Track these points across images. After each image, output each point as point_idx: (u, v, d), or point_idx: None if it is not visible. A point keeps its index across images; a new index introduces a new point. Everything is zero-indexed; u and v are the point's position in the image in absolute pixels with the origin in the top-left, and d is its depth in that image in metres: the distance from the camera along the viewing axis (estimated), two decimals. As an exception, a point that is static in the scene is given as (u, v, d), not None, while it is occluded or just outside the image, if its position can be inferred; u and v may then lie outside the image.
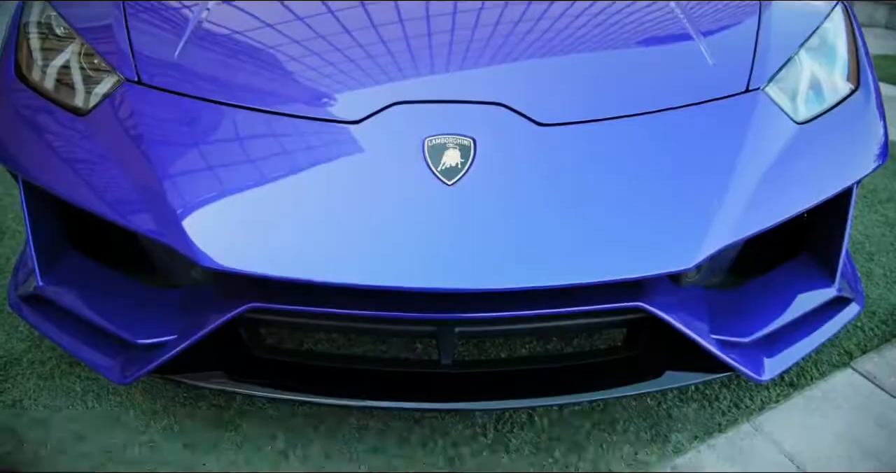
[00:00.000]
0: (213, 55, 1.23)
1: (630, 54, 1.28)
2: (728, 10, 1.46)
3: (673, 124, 1.14)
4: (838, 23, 1.46)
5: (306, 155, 1.08)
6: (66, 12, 1.37)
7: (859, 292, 1.46)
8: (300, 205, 1.04)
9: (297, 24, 1.31)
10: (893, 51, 5.32)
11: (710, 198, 1.07)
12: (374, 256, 0.99)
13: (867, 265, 2.01)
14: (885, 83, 4.29)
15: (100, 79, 1.23)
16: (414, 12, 1.35)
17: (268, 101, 1.13)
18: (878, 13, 6.85)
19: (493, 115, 1.11)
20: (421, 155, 1.06)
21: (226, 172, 1.06)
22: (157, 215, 1.04)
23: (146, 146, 1.09)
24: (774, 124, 1.19)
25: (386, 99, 1.12)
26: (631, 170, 1.08)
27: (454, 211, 1.02)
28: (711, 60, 1.25)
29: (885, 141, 1.36)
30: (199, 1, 1.38)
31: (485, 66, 1.20)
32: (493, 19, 1.32)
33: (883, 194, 2.49)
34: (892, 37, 6.15)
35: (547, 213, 1.03)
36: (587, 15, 1.37)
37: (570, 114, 1.12)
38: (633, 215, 1.04)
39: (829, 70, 1.37)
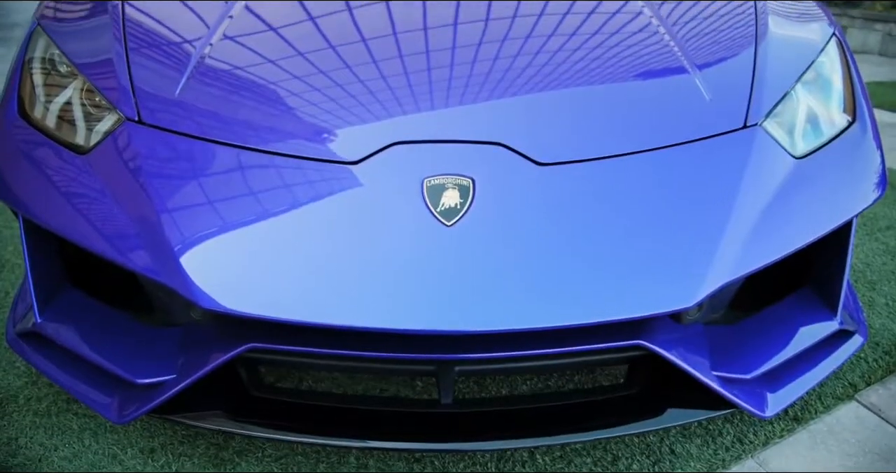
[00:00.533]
0: (214, 93, 1.24)
1: (627, 90, 1.29)
2: (724, 42, 1.47)
3: (672, 162, 1.14)
4: (833, 56, 1.48)
5: (306, 195, 1.08)
6: (68, 48, 1.38)
7: (862, 323, 1.46)
8: (299, 247, 1.03)
9: (299, 60, 1.32)
10: (888, 77, 5.37)
11: (710, 236, 1.07)
12: (374, 298, 0.98)
13: (869, 294, 2.00)
14: (880, 110, 4.32)
15: (101, 117, 1.24)
16: (413, 47, 1.37)
17: (267, 141, 1.14)
18: (871, 40, 6.93)
19: (493, 155, 1.11)
20: (420, 195, 1.06)
21: (225, 213, 1.06)
22: (156, 255, 1.04)
23: (146, 186, 1.09)
24: (773, 160, 1.20)
25: (385, 139, 1.12)
26: (630, 208, 1.08)
27: (453, 252, 1.01)
28: (708, 96, 1.26)
29: (884, 173, 1.37)
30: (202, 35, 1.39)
31: (483, 103, 1.21)
32: (491, 54, 1.33)
33: (883, 222, 2.50)
34: (886, 63, 6.22)
35: (547, 254, 1.03)
36: (585, 48, 1.38)
37: (570, 153, 1.13)
38: (634, 254, 1.04)
39: (826, 104, 1.38)
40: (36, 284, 1.28)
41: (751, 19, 1.54)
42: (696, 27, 1.51)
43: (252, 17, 1.46)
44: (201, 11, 1.50)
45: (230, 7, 1.48)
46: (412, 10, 1.49)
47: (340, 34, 1.39)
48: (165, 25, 1.46)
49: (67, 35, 1.45)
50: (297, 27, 1.44)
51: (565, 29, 1.42)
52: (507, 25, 1.44)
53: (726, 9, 1.61)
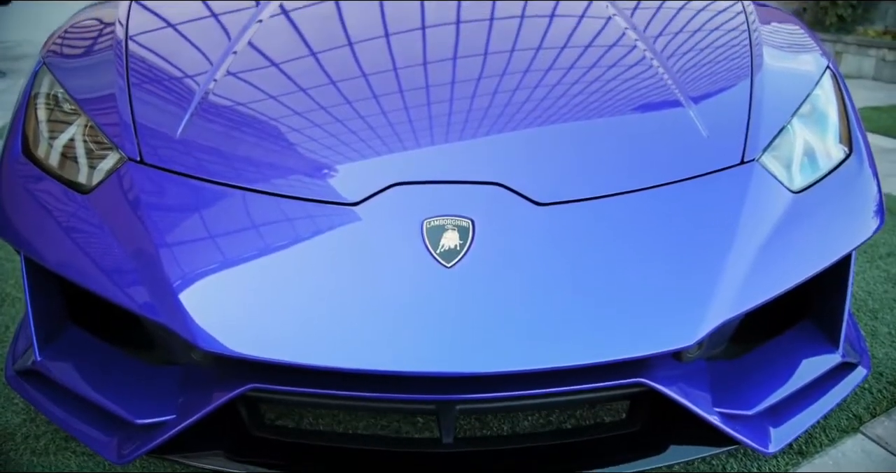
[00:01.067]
0: (216, 131, 1.25)
1: (624, 127, 1.30)
2: (719, 75, 1.49)
3: (670, 199, 1.15)
4: (828, 89, 1.49)
5: (307, 237, 1.09)
6: (72, 86, 1.40)
7: (865, 354, 1.45)
8: (300, 288, 1.04)
9: (300, 98, 1.34)
10: (884, 102, 5.41)
11: (710, 274, 1.07)
12: (375, 341, 0.98)
13: (871, 323, 2.00)
14: (877, 134, 4.35)
15: (103, 156, 1.25)
16: (412, 84, 1.38)
17: (268, 182, 1.15)
18: (865, 65, 7.01)
19: (492, 196, 1.12)
20: (420, 237, 1.07)
21: (226, 254, 1.07)
22: (156, 296, 1.04)
23: (146, 227, 1.10)
24: (770, 195, 1.20)
25: (385, 179, 1.13)
26: (629, 247, 1.09)
27: (453, 294, 1.02)
28: (705, 132, 1.28)
29: (881, 205, 1.38)
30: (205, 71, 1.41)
31: (482, 142, 1.22)
32: (489, 91, 1.35)
33: (883, 249, 2.50)
34: (881, 88, 6.28)
35: (546, 294, 1.03)
36: (581, 84, 1.40)
37: (568, 192, 1.14)
38: (634, 294, 1.04)
39: (822, 137, 1.39)
40: (36, 323, 1.28)
41: (746, 51, 1.56)
42: (692, 60, 1.53)
43: (255, 53, 1.48)
44: (205, 48, 1.52)
45: (234, 43, 1.50)
46: (411, 45, 1.51)
47: (342, 70, 1.41)
48: (169, 62, 1.48)
49: (72, 72, 1.47)
50: (299, 63, 1.46)
51: (561, 64, 1.44)
52: (504, 60, 1.46)
53: (722, 40, 1.63)
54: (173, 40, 1.60)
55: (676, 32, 1.64)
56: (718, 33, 1.68)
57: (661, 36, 1.60)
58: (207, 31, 1.62)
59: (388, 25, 1.61)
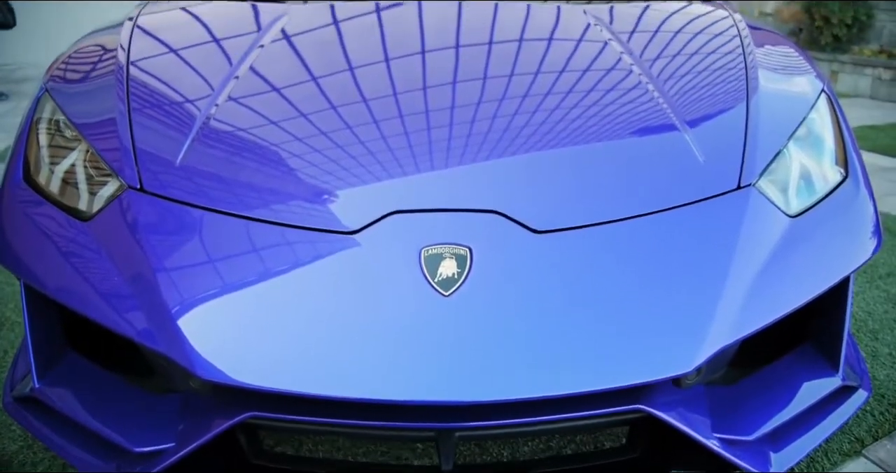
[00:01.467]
0: (216, 159, 1.26)
1: (621, 153, 1.31)
2: (715, 99, 1.50)
3: (667, 226, 1.15)
4: (824, 113, 1.50)
5: (306, 265, 1.09)
6: (74, 113, 1.41)
7: (865, 376, 1.44)
8: (299, 317, 1.04)
9: (300, 126, 1.34)
10: (881, 120, 5.44)
11: (707, 300, 1.07)
12: (374, 370, 0.99)
13: (872, 344, 1.99)
14: (874, 153, 4.37)
15: (104, 183, 1.26)
16: (412, 107, 1.39)
17: (268, 211, 1.15)
18: (861, 84, 7.06)
19: (489, 224, 1.13)
20: (418, 265, 1.07)
21: (225, 282, 1.07)
22: (156, 325, 1.04)
23: (145, 255, 1.11)
24: (767, 220, 1.21)
25: (384, 208, 1.14)
26: (627, 274, 1.09)
27: (451, 323, 1.02)
28: (702, 157, 1.28)
29: (878, 228, 1.38)
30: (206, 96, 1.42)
31: (479, 170, 1.23)
32: (487, 117, 1.35)
33: (882, 269, 2.50)
34: (877, 107, 6.32)
35: (544, 323, 1.03)
36: (578, 108, 1.41)
37: (566, 219, 1.14)
38: (632, 320, 1.04)
39: (818, 160, 1.40)
40: (35, 349, 1.28)
41: (741, 74, 1.58)
42: (688, 84, 1.54)
43: (257, 78, 1.49)
44: (207, 73, 1.53)
45: (236, 68, 1.51)
46: (411, 69, 1.52)
47: (343, 96, 1.42)
48: (170, 86, 1.50)
49: (73, 98, 1.48)
50: (300, 89, 1.46)
51: (557, 90, 1.45)
52: (500, 86, 1.47)
53: (717, 64, 1.65)
54: (175, 65, 1.61)
55: (672, 56, 1.66)
56: (714, 57, 1.69)
57: (657, 60, 1.62)
58: (209, 56, 1.64)
59: (388, 50, 1.63)
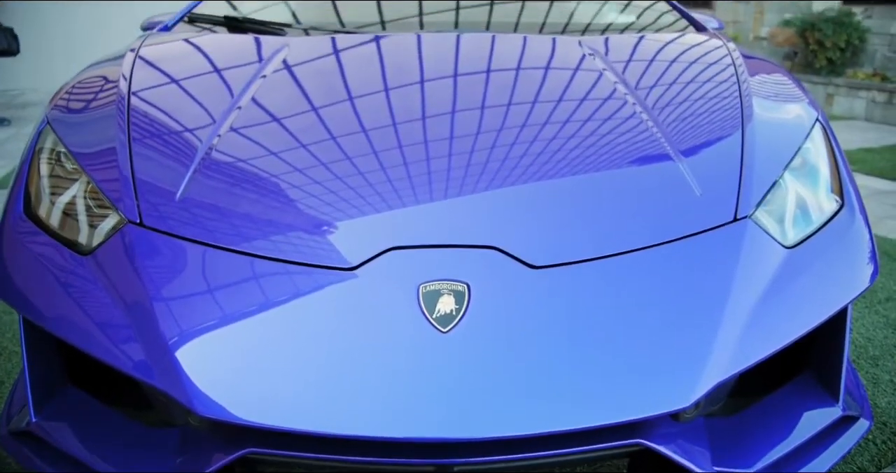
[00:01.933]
0: (217, 193, 1.27)
1: (618, 187, 1.31)
2: (710, 129, 1.51)
3: (664, 260, 1.16)
4: (818, 142, 1.51)
5: (304, 302, 1.09)
6: (74, 143, 1.42)
7: (866, 404, 1.44)
8: (297, 353, 1.04)
9: (301, 159, 1.35)
10: (876, 143, 5.48)
11: (705, 334, 1.07)
12: (372, 407, 0.98)
13: (872, 370, 1.99)
14: (871, 176, 4.39)
15: (104, 216, 1.26)
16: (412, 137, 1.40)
17: (267, 247, 1.16)
18: (856, 106, 7.12)
19: (487, 259, 1.13)
20: (416, 302, 1.07)
21: (224, 318, 1.07)
22: (155, 361, 1.04)
23: (144, 291, 1.11)
24: (764, 252, 1.21)
25: (382, 244, 1.14)
26: (625, 309, 1.09)
27: (450, 360, 1.02)
28: (698, 190, 1.29)
29: (875, 257, 1.38)
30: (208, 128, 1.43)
31: (477, 204, 1.23)
32: (483, 151, 1.37)
33: (882, 294, 2.50)
34: (872, 129, 6.36)
35: (543, 358, 1.03)
36: (575, 139, 1.42)
37: (563, 254, 1.15)
38: (630, 356, 1.04)
39: (814, 190, 1.40)
40: (33, 383, 1.27)
41: (736, 103, 1.59)
42: (683, 115, 1.55)
43: (259, 109, 1.50)
44: (208, 104, 1.54)
45: (238, 99, 1.53)
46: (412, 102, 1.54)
47: (345, 129, 1.43)
48: (171, 117, 1.51)
49: (75, 130, 1.49)
50: (303, 121, 1.47)
51: (552, 124, 1.46)
52: (497, 118, 1.48)
53: (712, 93, 1.67)
54: (176, 96, 1.63)
55: (667, 86, 1.68)
56: (709, 86, 1.71)
57: (652, 90, 1.63)
58: (211, 87, 1.65)
59: (389, 81, 1.65)
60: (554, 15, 2.40)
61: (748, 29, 9.44)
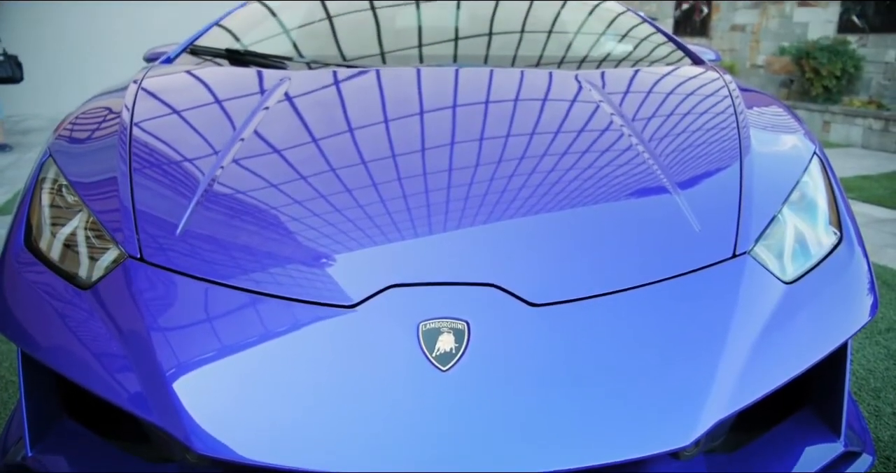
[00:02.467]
0: (219, 225, 1.27)
1: (617, 223, 1.32)
2: (708, 163, 1.51)
3: (664, 297, 1.16)
4: (816, 176, 1.52)
5: (304, 340, 1.09)
6: (75, 176, 1.42)
7: (868, 438, 1.42)
8: (297, 391, 1.04)
9: (302, 192, 1.35)
10: (874, 170, 5.52)
11: (705, 373, 1.07)
12: (371, 445, 0.98)
13: (874, 403, 1.97)
14: (869, 204, 4.41)
15: (105, 250, 1.27)
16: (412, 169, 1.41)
17: (268, 284, 1.16)
18: (853, 134, 7.18)
19: (486, 297, 1.13)
20: (416, 340, 1.07)
21: (223, 356, 1.07)
22: (154, 398, 1.04)
23: (144, 327, 1.11)
24: (763, 288, 1.21)
25: (382, 281, 1.15)
26: (624, 347, 1.09)
27: (449, 399, 1.02)
28: (697, 225, 1.29)
29: (875, 292, 1.38)
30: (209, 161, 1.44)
31: (477, 240, 1.24)
32: (482, 185, 1.37)
33: (882, 324, 2.49)
34: (869, 156, 6.41)
35: (542, 397, 1.03)
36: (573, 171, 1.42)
37: (562, 292, 1.15)
38: (629, 394, 1.04)
39: (812, 224, 1.41)
40: (30, 416, 1.26)
41: (734, 134, 1.60)
42: (681, 149, 1.56)
43: (261, 141, 1.51)
44: (210, 136, 1.55)
45: (240, 131, 1.54)
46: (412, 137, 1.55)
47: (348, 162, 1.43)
48: (173, 148, 1.52)
49: (77, 162, 1.50)
50: (305, 155, 1.48)
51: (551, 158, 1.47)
52: (494, 152, 1.49)
53: (709, 124, 1.68)
54: (179, 127, 1.64)
55: (664, 118, 1.69)
56: (707, 117, 1.73)
57: (649, 122, 1.65)
58: (213, 119, 1.66)
59: (390, 114, 1.66)
60: (551, 47, 2.43)
61: (745, 57, 9.57)
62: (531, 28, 2.54)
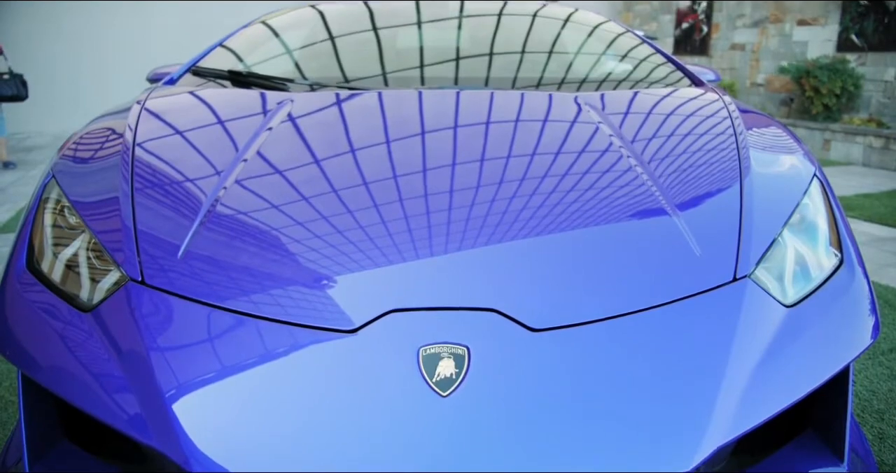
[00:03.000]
0: (221, 248, 1.27)
1: (618, 246, 1.31)
2: (709, 185, 1.51)
3: (664, 321, 1.16)
4: (817, 198, 1.52)
5: (305, 364, 1.09)
6: (77, 197, 1.43)
7: (872, 462, 1.41)
8: (295, 416, 1.03)
9: (304, 214, 1.35)
10: (874, 189, 5.52)
11: (706, 398, 1.06)
12: (370, 471, 0.97)
13: (878, 425, 1.96)
14: (870, 223, 4.41)
15: (106, 272, 1.27)
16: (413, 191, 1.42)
17: (269, 308, 1.16)
18: (854, 152, 7.20)
19: (486, 322, 1.13)
20: (416, 365, 1.07)
21: (224, 380, 1.07)
22: (153, 421, 1.04)
23: (145, 350, 1.11)
24: (764, 312, 1.21)
25: (382, 306, 1.14)
26: (625, 372, 1.09)
27: (449, 424, 1.01)
28: (697, 249, 1.29)
29: (876, 313, 1.38)
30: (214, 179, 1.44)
31: (477, 264, 1.23)
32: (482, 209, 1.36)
33: (885, 344, 2.48)
34: (870, 174, 6.42)
35: (543, 423, 1.02)
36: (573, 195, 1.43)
37: (563, 317, 1.14)
38: (629, 420, 1.03)
39: (813, 247, 1.41)
40: (29, 437, 1.26)
41: (733, 154, 1.61)
42: (681, 171, 1.56)
43: (264, 162, 1.52)
44: (213, 157, 1.56)
45: (243, 152, 1.55)
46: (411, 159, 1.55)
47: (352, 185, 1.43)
48: (176, 169, 1.52)
49: (79, 184, 1.50)
50: (308, 176, 1.48)
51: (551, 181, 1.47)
52: (495, 174, 1.48)
53: (710, 145, 1.69)
54: (181, 147, 1.65)
55: (664, 141, 1.70)
56: (706, 139, 1.74)
57: (649, 144, 1.65)
58: (216, 139, 1.67)
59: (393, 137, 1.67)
60: (552, 68, 2.45)
61: (745, 76, 9.63)
62: (532, 48, 2.56)
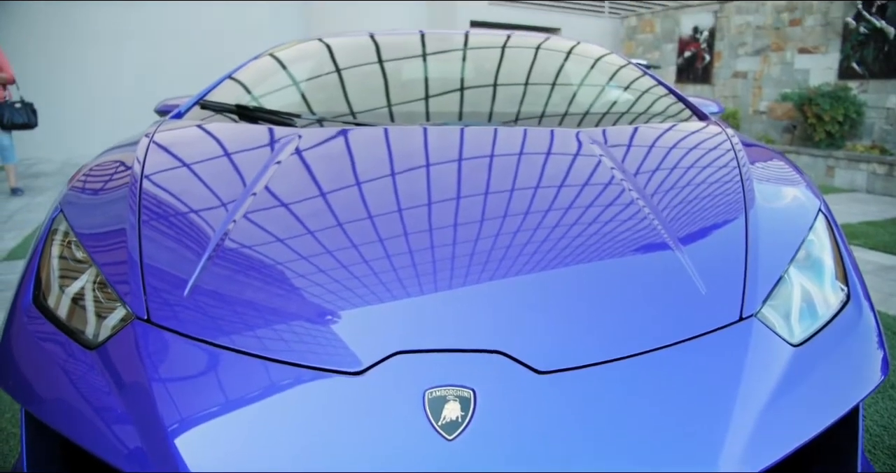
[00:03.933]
0: (229, 285, 1.27)
1: (623, 286, 1.30)
2: (713, 222, 1.50)
3: (670, 363, 1.15)
4: (822, 234, 1.51)
5: (311, 405, 1.08)
6: (84, 232, 1.43)
7: (885, 502, 1.39)
8: (299, 456, 1.02)
9: (316, 249, 1.35)
10: (878, 216, 5.50)
11: (714, 440, 1.05)
12: None
13: (890, 462, 1.93)
14: (875, 252, 4.39)
15: (112, 309, 1.26)
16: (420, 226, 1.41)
17: (275, 349, 1.15)
18: (857, 178, 7.21)
19: (492, 364, 1.12)
20: (421, 408, 1.06)
21: (229, 420, 1.06)
22: (155, 461, 1.03)
23: (150, 390, 1.10)
24: (771, 351, 1.20)
25: (388, 348, 1.14)
26: (632, 414, 1.08)
27: (455, 468, 1.00)
28: (703, 288, 1.29)
29: (885, 348, 1.37)
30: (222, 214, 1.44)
31: (482, 305, 1.23)
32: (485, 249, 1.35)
33: (894, 377, 2.45)
34: (874, 201, 6.41)
35: (548, 466, 1.01)
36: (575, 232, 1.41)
37: (569, 359, 1.14)
38: (637, 463, 1.02)
39: (819, 284, 1.40)
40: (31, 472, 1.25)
41: (738, 188, 1.61)
42: (685, 207, 1.55)
43: (273, 197, 1.52)
44: (220, 191, 1.56)
45: (252, 186, 1.55)
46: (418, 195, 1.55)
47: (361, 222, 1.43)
48: (184, 203, 1.53)
49: (87, 218, 1.50)
50: (318, 212, 1.48)
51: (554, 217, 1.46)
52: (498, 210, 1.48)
53: (713, 178, 1.69)
54: (189, 180, 1.65)
55: (666, 174, 1.70)
56: (709, 172, 1.74)
57: (651, 179, 1.65)
58: (223, 173, 1.68)
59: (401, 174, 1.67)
60: (554, 102, 2.47)
61: (747, 103, 9.69)
62: (535, 82, 2.58)
